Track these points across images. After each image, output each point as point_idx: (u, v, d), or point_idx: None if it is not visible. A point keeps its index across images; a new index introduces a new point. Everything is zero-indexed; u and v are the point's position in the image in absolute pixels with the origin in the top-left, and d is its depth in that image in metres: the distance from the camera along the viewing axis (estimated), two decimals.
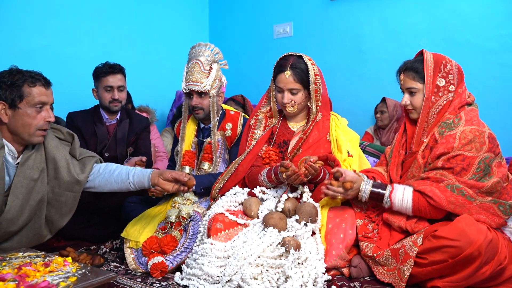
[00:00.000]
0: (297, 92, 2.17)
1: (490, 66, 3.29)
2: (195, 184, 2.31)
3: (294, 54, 2.20)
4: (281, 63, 2.18)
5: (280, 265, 1.71)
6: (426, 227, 1.81)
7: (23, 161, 1.76)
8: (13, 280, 1.33)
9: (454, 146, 1.78)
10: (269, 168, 2.15)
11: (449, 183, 1.76)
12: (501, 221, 1.74)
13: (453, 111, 1.88)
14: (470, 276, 1.63)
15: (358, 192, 1.91)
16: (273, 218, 1.90)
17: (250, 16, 4.59)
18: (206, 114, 2.40)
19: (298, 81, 2.15)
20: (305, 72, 2.15)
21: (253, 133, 2.32)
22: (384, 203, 1.89)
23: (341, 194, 1.92)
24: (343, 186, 1.89)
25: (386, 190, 1.88)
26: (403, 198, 1.84)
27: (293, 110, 2.21)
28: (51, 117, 1.75)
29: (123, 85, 2.64)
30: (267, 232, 1.85)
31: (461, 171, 1.76)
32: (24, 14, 3.38)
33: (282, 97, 2.20)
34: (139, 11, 4.18)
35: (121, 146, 2.65)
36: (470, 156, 1.75)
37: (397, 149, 2.08)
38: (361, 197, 1.92)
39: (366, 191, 1.90)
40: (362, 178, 1.93)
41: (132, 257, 2.07)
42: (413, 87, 1.93)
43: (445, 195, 1.74)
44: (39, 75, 1.75)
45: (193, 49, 2.39)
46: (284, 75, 2.15)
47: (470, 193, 1.73)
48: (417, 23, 3.59)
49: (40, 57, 3.48)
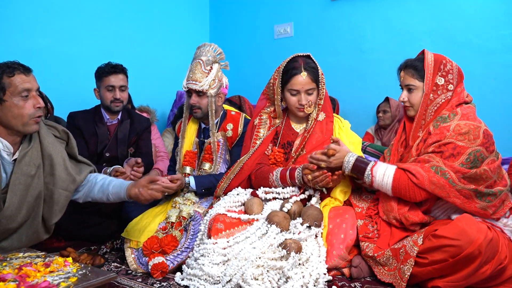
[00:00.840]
0: (313, 92, 2.18)
1: (491, 66, 3.28)
2: (196, 184, 2.31)
3: (301, 55, 2.20)
4: (293, 66, 2.16)
5: (281, 266, 1.71)
6: (422, 221, 1.82)
7: (20, 158, 1.75)
8: (14, 280, 1.33)
9: (447, 135, 1.80)
10: (283, 169, 2.13)
11: (434, 164, 1.78)
12: (474, 206, 1.75)
13: (450, 108, 1.90)
14: (471, 275, 1.63)
15: (342, 163, 1.95)
16: (278, 215, 1.91)
17: (251, 16, 4.60)
18: (204, 114, 2.40)
19: (313, 80, 2.16)
20: (317, 71, 2.17)
21: (258, 133, 2.31)
22: (365, 176, 1.92)
23: (323, 162, 1.95)
24: (326, 153, 1.94)
25: (368, 164, 1.92)
26: (385, 173, 1.87)
27: (311, 110, 2.21)
28: (40, 103, 1.73)
29: (124, 85, 2.64)
30: (269, 229, 1.85)
31: (449, 156, 1.77)
32: (26, 14, 3.39)
33: (299, 99, 2.18)
34: (140, 12, 4.19)
35: (122, 146, 2.65)
36: (462, 146, 1.76)
37: (396, 147, 2.09)
38: (344, 168, 1.96)
39: (349, 163, 1.94)
40: (348, 151, 1.97)
41: (132, 257, 2.07)
42: (411, 84, 1.95)
43: (428, 174, 1.76)
44: (16, 64, 1.73)
45: (198, 49, 2.40)
46: (301, 77, 2.14)
47: (453, 177, 1.74)
48: (419, 23, 3.59)
49: (41, 57, 3.48)
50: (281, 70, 2.20)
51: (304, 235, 1.87)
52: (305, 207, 2.02)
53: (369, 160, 1.96)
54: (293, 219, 1.99)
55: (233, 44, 4.69)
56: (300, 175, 2.03)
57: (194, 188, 2.32)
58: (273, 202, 2.07)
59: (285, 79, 2.18)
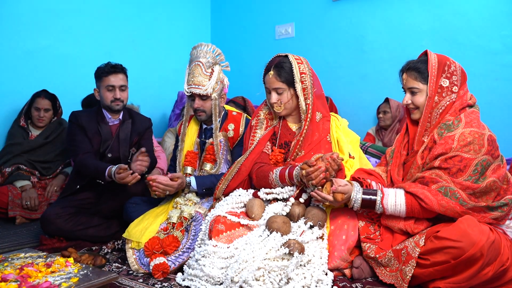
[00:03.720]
0: (282, 91, 2.18)
1: (493, 66, 3.28)
2: (197, 184, 2.31)
3: (280, 55, 2.22)
4: (267, 65, 2.22)
5: (283, 266, 1.70)
6: (427, 227, 1.81)
7: None
8: (15, 280, 1.34)
9: (453, 147, 1.77)
10: (283, 168, 2.10)
11: (443, 185, 1.75)
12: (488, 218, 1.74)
13: (453, 113, 1.87)
14: (472, 277, 1.62)
15: (349, 201, 1.88)
16: (276, 222, 1.88)
17: (252, 17, 4.60)
18: (208, 116, 2.41)
19: (281, 80, 2.16)
20: (290, 71, 2.15)
21: (254, 133, 2.31)
22: (376, 210, 1.87)
23: (329, 202, 1.89)
24: (334, 198, 1.85)
25: (377, 196, 1.86)
26: (396, 202, 1.83)
27: (280, 109, 2.21)
28: None
29: (124, 84, 2.64)
30: (270, 235, 1.84)
31: (457, 172, 1.75)
32: (27, 14, 3.40)
33: (269, 97, 2.22)
34: (141, 12, 4.19)
35: (124, 147, 2.65)
36: (468, 158, 1.74)
37: (398, 150, 2.07)
38: (351, 206, 1.89)
39: (357, 200, 1.86)
40: (353, 187, 1.88)
41: (134, 257, 2.07)
42: (414, 87, 1.92)
43: (436, 198, 1.74)
44: None
45: (195, 50, 2.38)
46: (268, 75, 2.19)
47: (463, 197, 1.72)
48: (420, 23, 3.59)
49: (42, 57, 3.50)
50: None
51: (307, 237, 1.85)
52: (309, 207, 2.00)
53: (374, 190, 1.89)
54: (295, 221, 1.98)
55: (234, 44, 4.70)
56: (298, 172, 1.98)
57: (195, 188, 2.32)
58: (274, 204, 2.05)
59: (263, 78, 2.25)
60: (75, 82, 3.63)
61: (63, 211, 2.42)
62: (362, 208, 1.89)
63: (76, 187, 2.58)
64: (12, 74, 3.33)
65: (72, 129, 2.60)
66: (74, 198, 2.55)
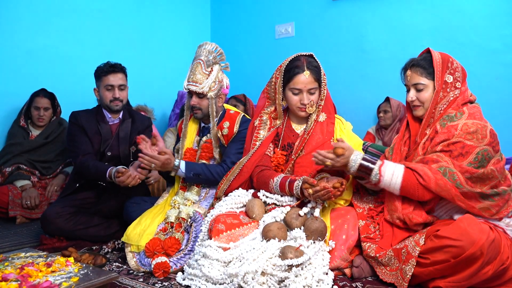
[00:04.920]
0: (315, 91, 2.16)
1: (493, 66, 3.28)
2: (186, 167, 2.29)
3: (304, 54, 2.18)
4: (296, 64, 2.14)
5: (284, 277, 1.68)
6: (425, 221, 1.82)
7: None
8: (16, 280, 1.34)
9: (455, 134, 1.79)
10: (283, 178, 2.04)
11: (443, 165, 1.77)
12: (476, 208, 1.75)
13: (456, 107, 1.90)
14: (472, 276, 1.62)
15: (348, 161, 1.89)
16: (271, 230, 1.84)
17: (252, 16, 4.60)
18: (204, 115, 2.40)
19: (315, 80, 2.14)
20: (319, 70, 2.16)
21: (257, 134, 2.29)
22: (372, 176, 1.87)
23: (330, 160, 1.89)
24: (334, 152, 1.87)
25: (376, 164, 1.87)
26: (394, 173, 1.83)
27: (312, 110, 2.18)
28: None
29: (124, 84, 2.64)
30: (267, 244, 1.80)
31: (458, 155, 1.77)
32: (27, 14, 3.40)
33: (301, 98, 2.15)
34: (141, 12, 4.19)
35: (123, 146, 2.65)
36: (470, 145, 1.76)
37: (398, 147, 2.08)
38: (349, 167, 1.89)
39: (356, 162, 1.87)
40: (353, 150, 1.91)
41: (134, 260, 2.06)
42: (420, 82, 1.94)
43: (435, 176, 1.75)
44: None
45: (199, 48, 2.38)
46: (303, 76, 2.12)
47: (461, 180, 1.73)
48: (420, 22, 3.58)
49: (42, 57, 3.50)
50: (283, 69, 2.17)
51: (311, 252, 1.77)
52: (308, 221, 1.90)
53: (375, 159, 1.91)
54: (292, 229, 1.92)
55: (234, 44, 4.69)
56: (299, 188, 1.95)
57: (183, 172, 2.29)
58: (273, 211, 2.01)
59: (287, 78, 2.16)
60: (75, 82, 3.63)
61: (63, 211, 2.42)
62: (359, 171, 1.88)
63: (76, 186, 2.58)
64: (12, 74, 3.33)
65: (72, 129, 2.60)
66: (74, 198, 2.56)
